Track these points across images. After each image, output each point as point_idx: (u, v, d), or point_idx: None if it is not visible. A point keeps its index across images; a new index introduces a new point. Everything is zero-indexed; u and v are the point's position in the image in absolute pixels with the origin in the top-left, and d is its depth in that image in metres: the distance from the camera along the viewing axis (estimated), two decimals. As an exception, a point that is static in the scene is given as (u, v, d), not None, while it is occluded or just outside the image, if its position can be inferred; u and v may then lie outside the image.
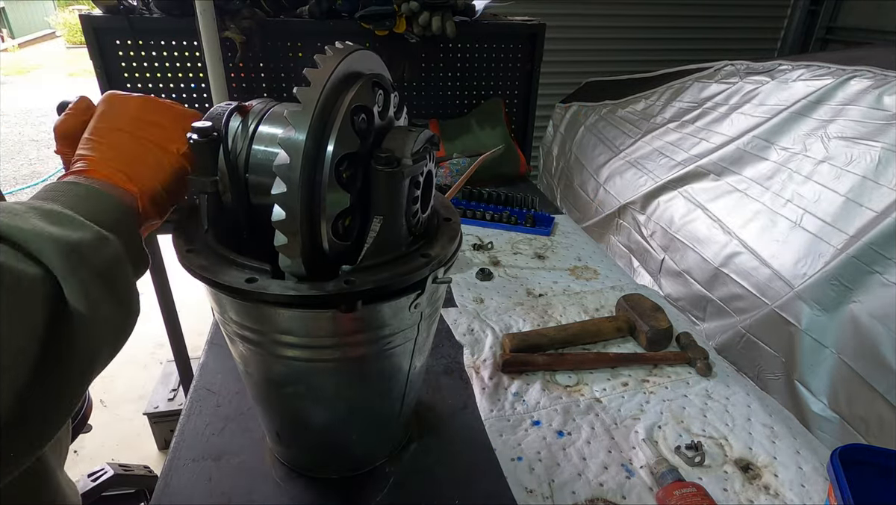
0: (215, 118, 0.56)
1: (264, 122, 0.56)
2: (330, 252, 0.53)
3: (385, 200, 0.54)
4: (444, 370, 0.93)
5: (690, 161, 1.66)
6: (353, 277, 0.51)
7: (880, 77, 1.34)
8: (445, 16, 1.59)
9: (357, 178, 0.53)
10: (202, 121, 0.55)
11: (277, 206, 0.48)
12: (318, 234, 0.51)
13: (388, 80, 0.58)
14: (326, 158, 0.50)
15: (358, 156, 0.52)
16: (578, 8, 2.93)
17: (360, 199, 0.54)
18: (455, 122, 1.85)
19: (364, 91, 0.53)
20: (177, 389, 2.00)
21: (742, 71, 1.74)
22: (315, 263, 0.51)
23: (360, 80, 0.53)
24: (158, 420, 1.95)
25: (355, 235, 0.55)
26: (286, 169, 0.47)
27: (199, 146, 0.54)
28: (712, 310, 1.42)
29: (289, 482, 0.71)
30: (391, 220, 0.54)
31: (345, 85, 0.52)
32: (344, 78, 0.52)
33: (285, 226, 0.49)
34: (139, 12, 1.48)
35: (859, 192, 1.19)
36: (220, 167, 0.56)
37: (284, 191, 0.48)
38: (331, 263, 0.53)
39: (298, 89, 0.49)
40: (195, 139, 0.54)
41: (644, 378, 0.92)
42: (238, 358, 0.64)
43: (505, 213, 1.49)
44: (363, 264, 0.54)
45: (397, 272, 0.54)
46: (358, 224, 0.55)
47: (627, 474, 0.73)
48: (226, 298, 0.53)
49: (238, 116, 0.57)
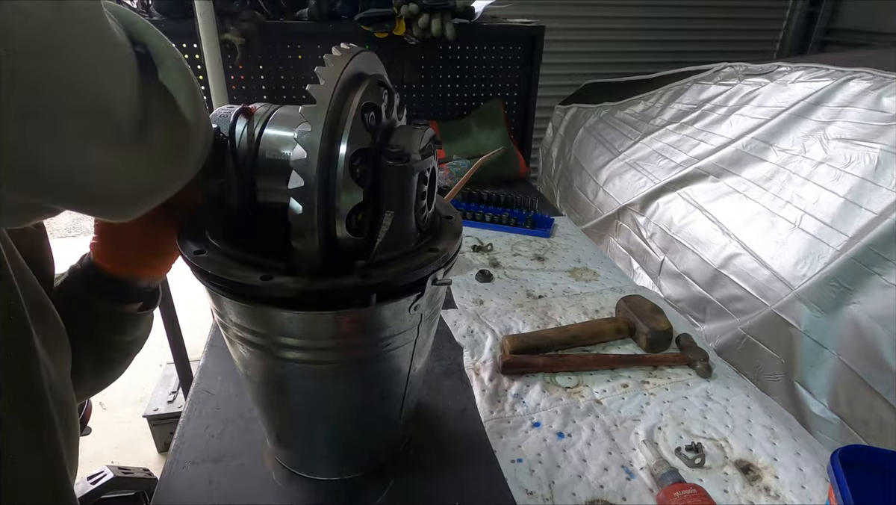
0: (220, 120, 0.56)
1: (270, 123, 0.57)
2: (343, 247, 0.53)
3: (396, 195, 0.55)
4: (444, 372, 0.93)
5: (690, 163, 1.66)
6: (367, 271, 0.52)
7: (879, 79, 1.34)
8: (445, 18, 1.59)
9: (368, 174, 0.54)
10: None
11: (294, 200, 0.49)
12: (332, 229, 0.52)
13: (388, 82, 0.59)
14: (340, 155, 0.50)
15: (369, 152, 0.53)
16: (577, 10, 2.93)
17: (370, 195, 0.54)
18: (455, 124, 1.85)
19: (372, 90, 0.54)
20: (176, 391, 2.00)
21: (741, 73, 1.74)
22: (329, 258, 0.52)
23: (366, 79, 0.54)
24: (158, 422, 1.94)
25: (367, 231, 0.56)
26: (303, 164, 0.48)
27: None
28: (712, 311, 1.42)
29: (289, 484, 0.71)
30: (402, 215, 0.55)
31: (353, 84, 0.53)
32: (352, 78, 0.53)
33: (302, 220, 0.49)
34: (139, 14, 1.49)
35: (858, 193, 1.19)
36: (227, 168, 0.56)
37: (302, 185, 0.48)
38: (343, 259, 0.53)
39: (311, 87, 0.49)
40: None
41: (644, 379, 0.91)
42: (238, 360, 0.64)
43: (504, 214, 1.49)
44: (376, 259, 0.55)
45: (410, 266, 0.55)
46: (368, 220, 0.56)
47: (628, 476, 0.73)
48: (226, 299, 0.53)
49: (243, 119, 0.57)
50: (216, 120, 0.57)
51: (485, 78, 1.86)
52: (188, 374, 1.93)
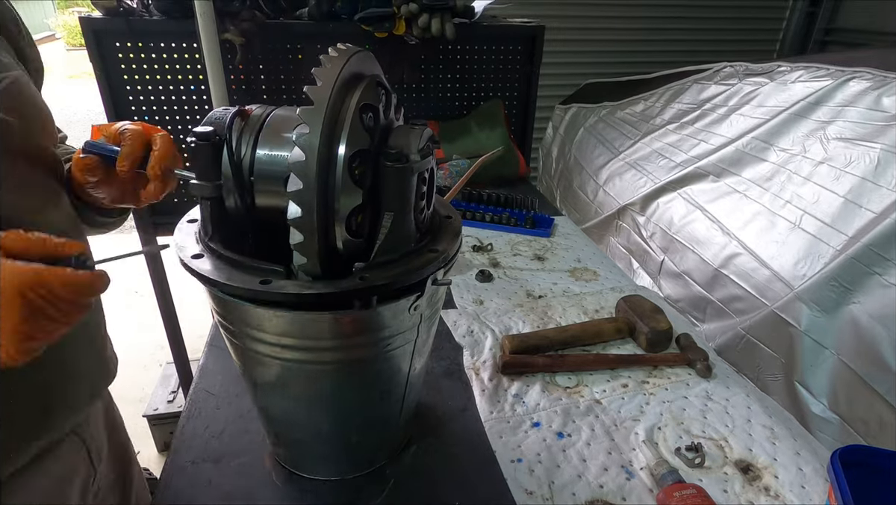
0: (216, 123, 0.56)
1: (267, 125, 0.57)
2: (343, 250, 0.53)
3: (395, 196, 0.55)
4: (444, 372, 0.93)
5: (690, 162, 1.66)
6: (367, 274, 0.52)
7: (879, 78, 1.34)
8: (445, 18, 1.59)
9: (367, 175, 0.53)
10: (202, 125, 0.55)
11: (293, 203, 0.48)
12: (332, 232, 0.52)
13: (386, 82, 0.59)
14: (339, 156, 0.50)
15: (367, 153, 0.53)
16: (577, 10, 2.93)
17: (369, 197, 0.54)
18: (455, 124, 1.85)
19: (370, 90, 0.53)
20: (176, 391, 2.00)
21: (741, 72, 1.74)
22: (328, 261, 0.52)
23: (363, 80, 0.54)
24: (158, 422, 1.94)
25: (366, 233, 0.55)
26: (301, 166, 0.48)
27: (201, 150, 0.54)
28: (712, 311, 1.42)
29: (289, 484, 0.71)
30: (401, 216, 0.55)
31: (351, 85, 0.53)
32: (349, 78, 0.53)
33: (302, 223, 0.49)
34: (139, 14, 1.49)
35: (858, 193, 1.19)
36: (223, 171, 0.56)
37: (300, 188, 0.48)
38: (343, 261, 0.53)
39: (309, 88, 0.49)
40: (196, 142, 0.54)
41: (644, 379, 0.91)
42: (238, 360, 0.64)
43: (504, 214, 1.49)
44: (376, 261, 0.54)
45: (410, 267, 0.55)
46: (368, 222, 0.55)
47: (627, 476, 0.73)
48: (226, 301, 0.53)
49: (240, 121, 0.57)
50: (211, 122, 0.56)
51: (485, 78, 1.86)
52: (188, 374, 1.93)
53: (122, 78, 1.53)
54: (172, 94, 1.59)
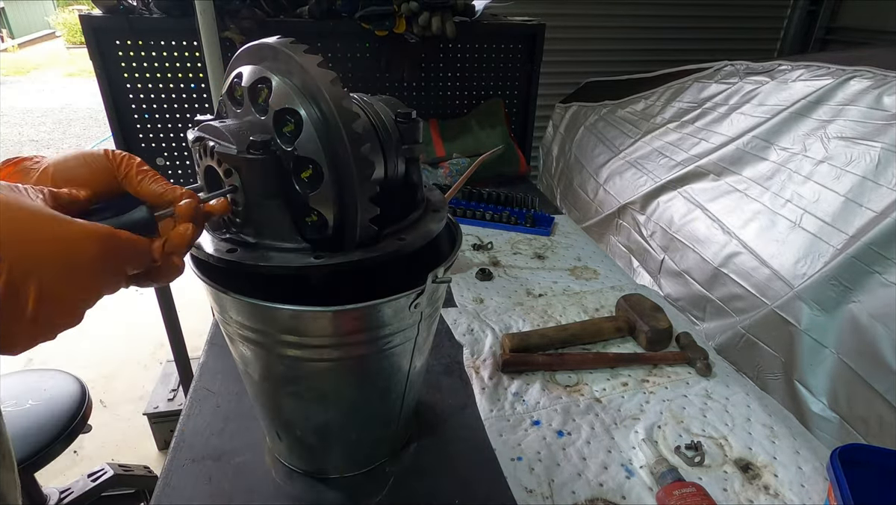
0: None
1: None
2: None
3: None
4: (444, 370, 0.93)
5: (690, 161, 1.66)
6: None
7: (880, 77, 1.34)
8: (445, 16, 1.59)
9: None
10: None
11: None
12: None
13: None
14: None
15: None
16: (578, 8, 2.92)
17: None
18: (455, 123, 1.85)
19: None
20: (177, 389, 2.00)
21: (742, 71, 1.74)
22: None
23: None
24: (158, 420, 1.94)
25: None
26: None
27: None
28: (712, 310, 1.42)
29: (289, 482, 0.71)
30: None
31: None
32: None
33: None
34: (139, 12, 1.49)
35: (859, 192, 1.19)
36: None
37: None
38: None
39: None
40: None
41: (644, 378, 0.92)
42: (238, 358, 0.64)
43: (505, 213, 1.49)
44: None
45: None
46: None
47: (627, 474, 0.73)
48: (226, 297, 0.53)
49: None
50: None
51: (485, 76, 1.86)
52: (188, 371, 1.93)
53: (123, 76, 1.53)
54: (172, 93, 1.59)
